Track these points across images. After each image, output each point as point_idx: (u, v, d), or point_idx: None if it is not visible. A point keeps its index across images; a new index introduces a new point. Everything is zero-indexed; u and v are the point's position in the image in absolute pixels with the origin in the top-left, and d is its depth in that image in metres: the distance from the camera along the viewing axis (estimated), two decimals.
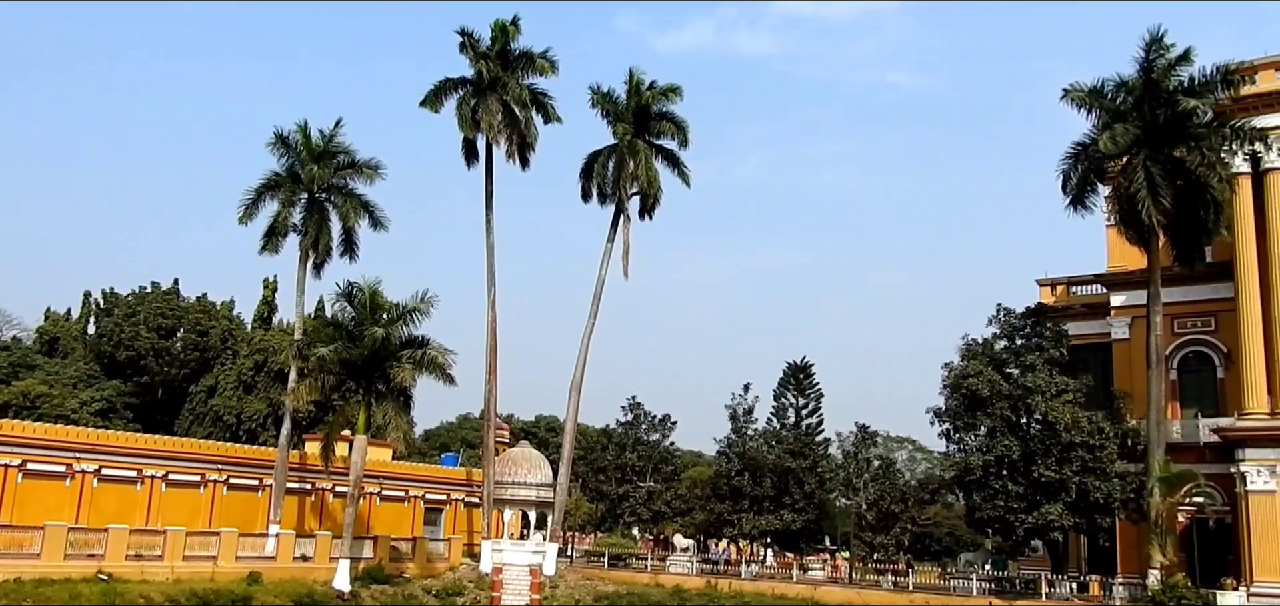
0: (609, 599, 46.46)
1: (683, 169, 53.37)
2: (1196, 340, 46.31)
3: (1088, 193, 42.48)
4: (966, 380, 44.02)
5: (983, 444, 43.34)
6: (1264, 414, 40.05)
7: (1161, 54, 39.53)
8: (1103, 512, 41.12)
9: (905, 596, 41.80)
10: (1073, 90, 41.61)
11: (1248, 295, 41.28)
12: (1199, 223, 40.22)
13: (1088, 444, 40.65)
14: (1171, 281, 43.40)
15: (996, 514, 42.05)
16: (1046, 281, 53.45)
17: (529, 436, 64.15)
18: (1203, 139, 39.25)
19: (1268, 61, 42.40)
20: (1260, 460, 39.53)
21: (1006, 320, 46.64)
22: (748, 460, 53.42)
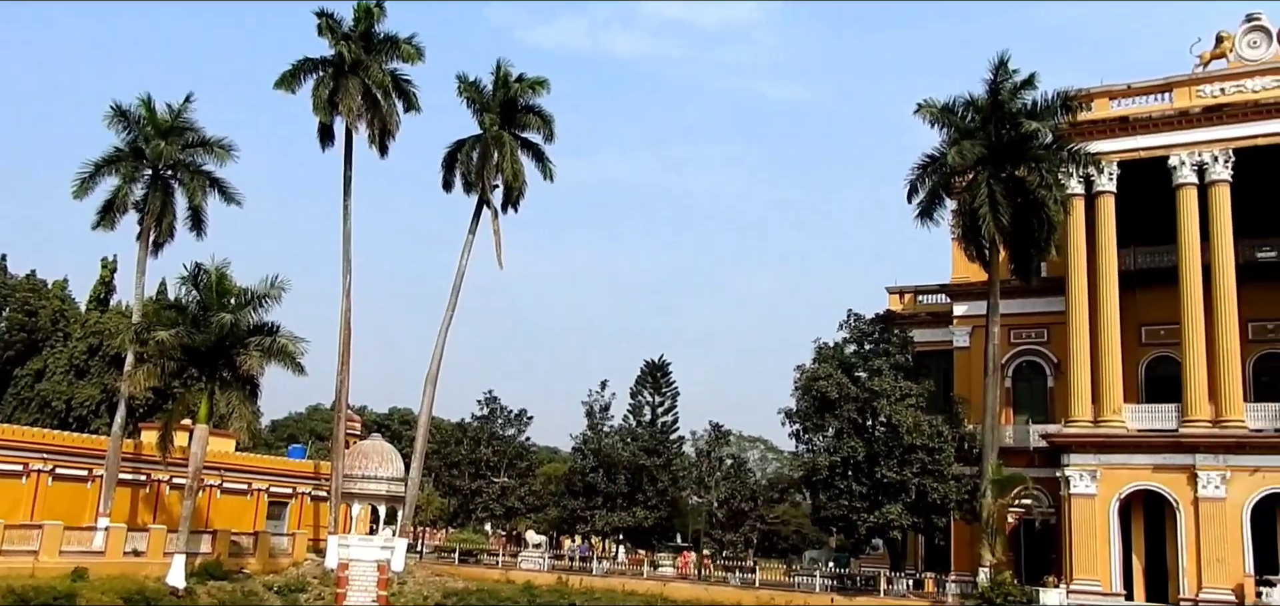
0: (458, 595, 45.76)
1: (547, 163, 53.25)
2: (1030, 350, 48.88)
3: (935, 205, 44.01)
4: (817, 383, 45.19)
5: (830, 445, 44.58)
6: (1088, 421, 42.45)
7: (1008, 78, 41.38)
8: (939, 513, 42.87)
9: (752, 593, 42.64)
10: (926, 106, 43.08)
11: (1077, 310, 43.66)
12: (1035, 239, 42.37)
13: (928, 447, 42.31)
14: (1009, 294, 45.52)
15: (841, 513, 43.34)
16: (895, 290, 55.49)
17: (382, 429, 62.65)
18: (1042, 160, 41.30)
19: (1103, 90, 44.89)
20: (1083, 465, 41.87)
21: (857, 326, 48.14)
22: (603, 457, 53.58)
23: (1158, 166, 43.10)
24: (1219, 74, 43.23)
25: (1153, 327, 45.72)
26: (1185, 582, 39.45)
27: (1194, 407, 40.65)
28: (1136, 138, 43.80)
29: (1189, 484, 39.95)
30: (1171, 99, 43.70)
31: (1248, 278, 42.21)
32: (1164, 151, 43.04)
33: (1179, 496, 40.11)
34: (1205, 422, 40.30)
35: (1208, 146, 42.21)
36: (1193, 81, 43.52)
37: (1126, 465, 41.35)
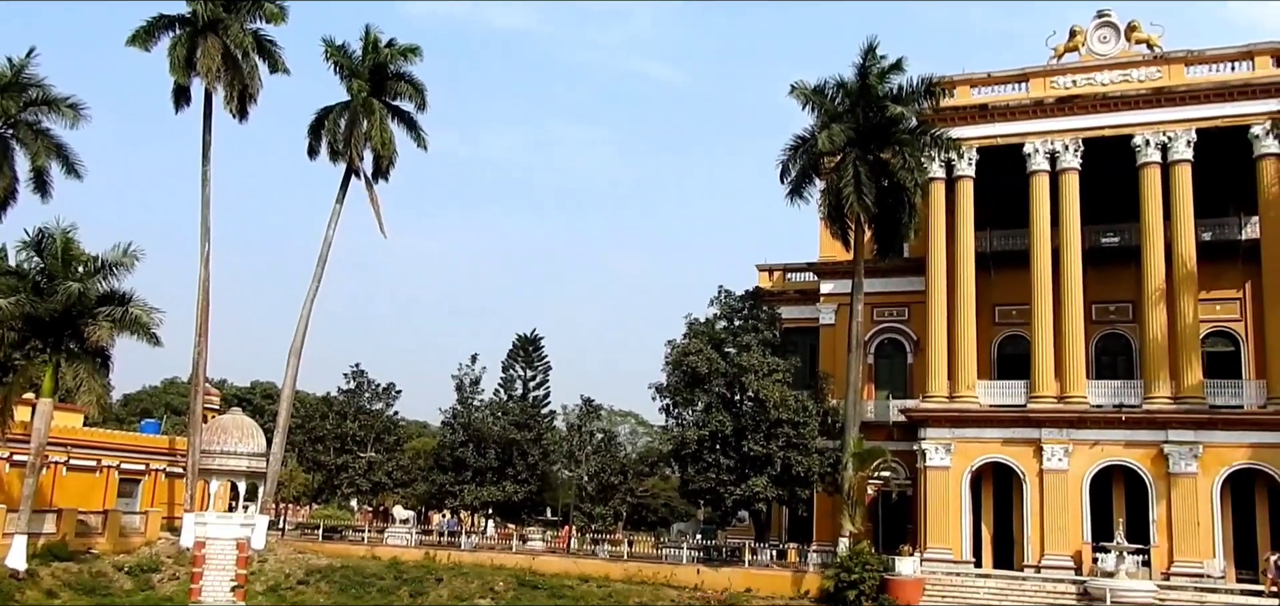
0: (322, 573, 44.70)
1: (420, 133, 52.10)
2: (892, 328, 50.50)
3: (805, 185, 44.76)
4: (687, 358, 45.64)
5: (699, 419, 45.15)
6: (944, 397, 44.17)
7: (876, 63, 42.23)
8: (803, 485, 43.96)
9: (620, 565, 42.93)
10: (798, 88, 43.67)
11: (936, 289, 45.29)
12: (899, 221, 43.53)
13: (793, 421, 43.25)
14: (873, 273, 46.62)
15: (709, 486, 43.97)
16: (765, 267, 56.50)
17: (243, 403, 60.63)
18: (907, 144, 42.40)
19: (964, 78, 46.43)
20: (938, 438, 43.55)
21: (727, 302, 48.79)
22: (473, 431, 53.05)
23: (1014, 153, 44.92)
24: (1071, 67, 45.28)
25: (1005, 308, 47.79)
26: (1029, 549, 41.55)
27: (1041, 384, 42.73)
28: (995, 125, 45.53)
29: (1035, 456, 42.03)
30: (1027, 89, 45.57)
31: (1093, 261, 44.42)
32: (1019, 139, 44.86)
33: (1026, 468, 42.16)
34: (1051, 399, 42.43)
35: (1059, 136, 44.21)
36: (1047, 73, 45.48)
37: (978, 439, 43.20)
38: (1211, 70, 43.01)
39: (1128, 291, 44.64)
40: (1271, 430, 39.21)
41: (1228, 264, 44.53)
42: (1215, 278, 44.09)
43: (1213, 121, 42.18)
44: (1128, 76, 44.01)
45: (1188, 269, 41.65)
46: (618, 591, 40.81)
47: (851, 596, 37.49)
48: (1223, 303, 44.99)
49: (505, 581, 42.51)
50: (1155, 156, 42.66)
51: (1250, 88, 41.90)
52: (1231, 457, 39.67)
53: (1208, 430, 39.95)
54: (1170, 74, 43.30)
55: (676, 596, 40.12)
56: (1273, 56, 42.17)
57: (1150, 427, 40.66)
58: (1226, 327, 45.14)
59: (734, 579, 40.53)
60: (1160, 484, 40.18)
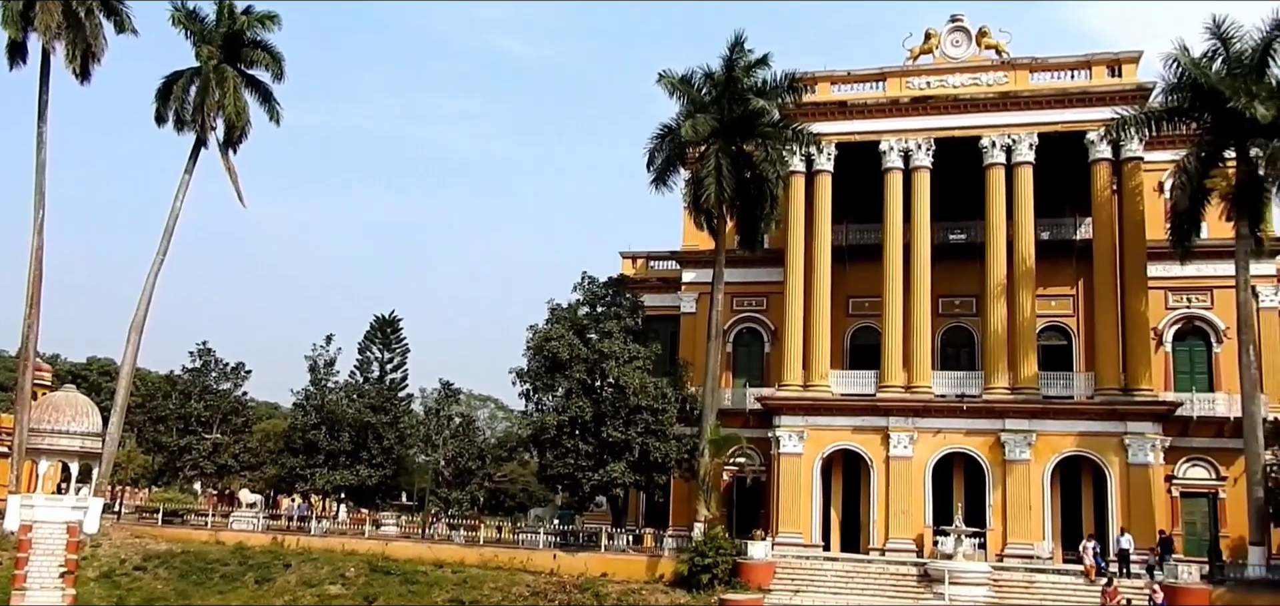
0: (161, 558, 42.81)
1: (275, 104, 50.42)
2: (751, 317, 51.43)
3: (670, 174, 45.15)
4: (549, 343, 45.41)
5: (559, 404, 44.96)
6: (798, 385, 45.24)
7: (743, 56, 42.90)
8: (661, 471, 44.33)
9: (475, 551, 42.50)
10: (666, 76, 43.99)
11: (794, 281, 46.31)
12: (760, 212, 44.24)
13: (652, 407, 43.52)
14: (734, 263, 47.48)
15: (567, 471, 43.87)
16: (629, 254, 56.75)
17: (78, 380, 57.26)
18: (769, 137, 43.25)
19: (825, 75, 47.56)
20: (792, 426, 44.58)
21: (590, 288, 48.76)
22: (326, 413, 51.54)
23: (870, 150, 46.26)
24: (926, 68, 46.90)
25: (859, 300, 49.22)
26: (875, 533, 43.01)
27: (890, 374, 44.23)
28: (853, 122, 46.78)
29: (882, 444, 43.49)
30: (884, 88, 46.98)
31: (941, 257, 46.16)
32: (876, 136, 46.23)
33: (873, 455, 43.58)
34: (899, 388, 43.96)
35: (913, 135, 45.76)
36: (903, 73, 46.99)
37: (830, 427, 44.42)
38: (1053, 77, 45.25)
39: (972, 286, 46.60)
40: (1097, 419, 41.60)
41: (1063, 262, 47.02)
42: (1051, 275, 46.45)
43: (1053, 126, 44.36)
44: (977, 80, 45.88)
45: (1027, 266, 43.74)
46: (473, 577, 40.39)
47: (705, 580, 38.07)
48: (1057, 298, 47.46)
49: (357, 567, 41.55)
50: (1000, 158, 44.62)
51: (1087, 95, 44.23)
52: (1061, 445, 41.93)
53: (1041, 419, 42.10)
54: (1016, 79, 45.34)
55: (532, 582, 39.94)
56: (1108, 66, 44.63)
57: (989, 417, 42.58)
58: (1060, 322, 47.67)
59: (590, 564, 40.60)
60: (997, 470, 42.13)
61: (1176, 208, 40.98)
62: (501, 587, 39.70)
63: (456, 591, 39.61)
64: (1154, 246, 43.45)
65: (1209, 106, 38.61)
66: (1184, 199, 39.80)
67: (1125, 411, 41.27)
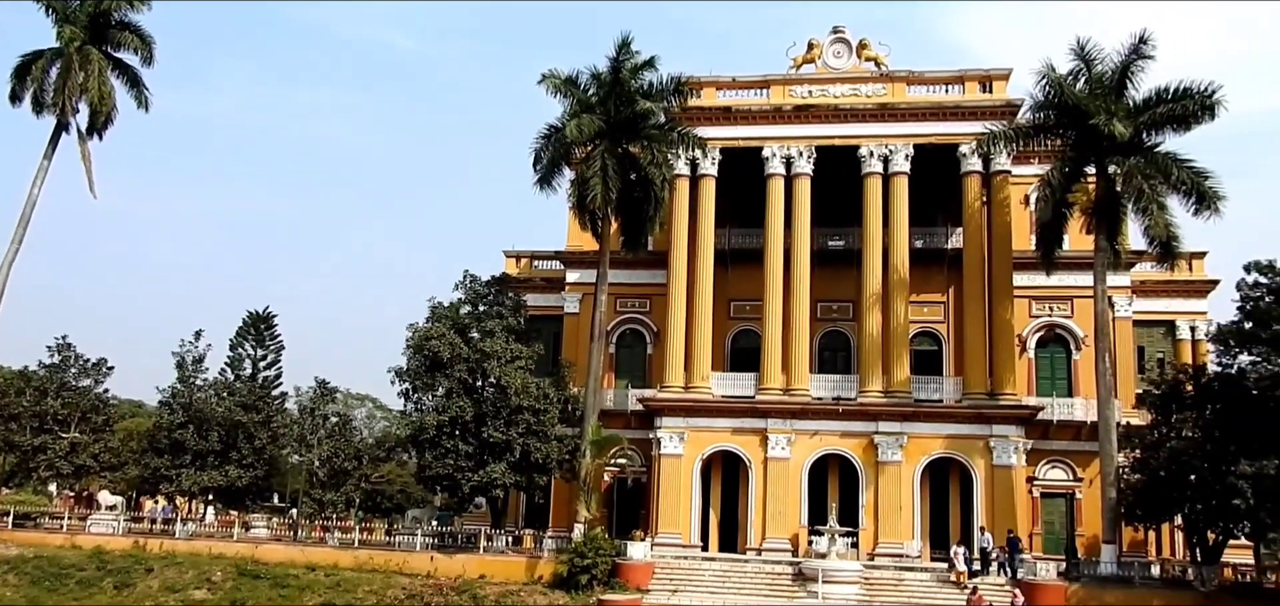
0: (11, 563, 40.71)
1: (144, 90, 48.30)
2: (634, 319, 51.66)
3: (555, 174, 44.86)
4: (429, 342, 44.65)
5: (439, 404, 44.24)
6: (680, 387, 45.59)
7: (629, 58, 43.05)
8: (542, 471, 44.04)
9: (350, 553, 41.51)
10: (550, 76, 43.75)
11: (677, 283, 46.67)
12: (644, 214, 44.55)
13: (534, 408, 43.23)
14: (618, 265, 47.54)
15: (447, 471, 43.18)
16: (512, 253, 56.33)
17: None
18: (655, 140, 43.53)
19: (711, 80, 48.15)
20: (673, 427, 44.91)
21: (473, 287, 48.15)
22: (194, 412, 49.56)
23: (753, 156, 47.04)
24: (808, 77, 47.85)
25: (740, 303, 49.92)
26: (753, 533, 43.66)
27: (769, 377, 44.96)
28: (737, 127, 47.47)
29: (761, 445, 44.17)
30: (768, 95, 47.79)
31: (820, 262, 47.16)
32: (759, 143, 47.00)
33: (752, 456, 44.22)
34: (777, 391, 44.73)
35: (795, 142, 46.66)
36: (786, 81, 47.85)
37: (710, 428, 44.91)
38: (929, 91, 46.71)
39: (850, 292, 47.76)
40: (964, 422, 43.11)
41: (935, 270, 48.60)
42: (924, 282, 47.98)
43: (928, 138, 45.82)
44: (857, 91, 47.04)
45: (901, 273, 45.04)
46: (347, 580, 39.47)
47: (584, 581, 38.01)
48: (930, 305, 49.05)
49: (225, 571, 40.20)
50: (878, 167, 45.84)
51: (960, 109, 45.83)
52: (931, 447, 43.28)
53: (912, 422, 43.41)
54: (894, 92, 46.65)
55: (409, 584, 39.25)
56: (980, 82, 46.32)
57: (863, 419, 43.67)
58: (932, 328, 49.26)
59: (468, 566, 40.12)
60: (870, 471, 43.25)
61: (1041, 220, 42.75)
62: (376, 591, 38.89)
63: (329, 595, 38.64)
64: (1020, 257, 45.32)
65: (1072, 124, 40.42)
66: (1048, 212, 41.56)
67: (991, 415, 42.88)
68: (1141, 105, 39.50)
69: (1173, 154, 39.37)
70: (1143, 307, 49.58)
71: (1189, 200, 39.04)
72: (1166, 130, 39.60)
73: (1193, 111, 38.65)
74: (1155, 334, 50.69)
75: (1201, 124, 38.77)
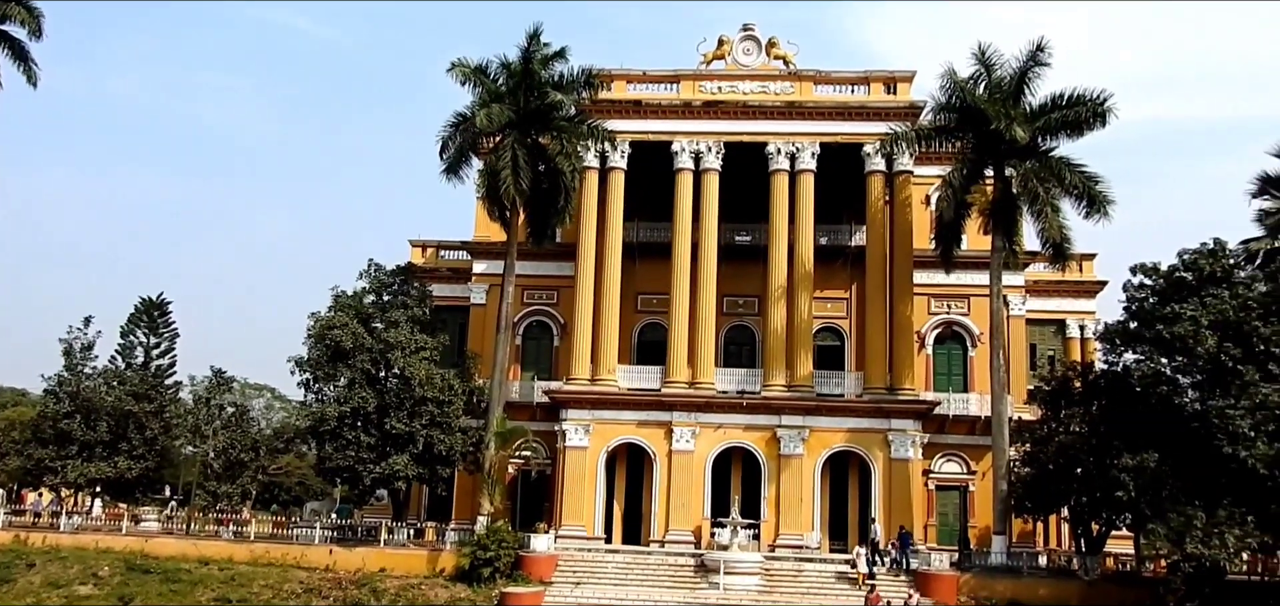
0: None
1: (32, 64, 46.39)
2: (541, 311, 51.38)
3: (463, 163, 44.64)
4: (332, 331, 43.83)
5: (341, 395, 43.44)
6: (586, 379, 45.52)
7: (540, 48, 42.94)
8: (445, 463, 43.62)
9: (245, 546, 40.50)
10: (459, 65, 43.47)
11: (584, 275, 46.55)
12: (553, 206, 44.54)
13: (438, 399, 42.76)
14: (526, 256, 47.51)
15: (347, 463, 42.42)
16: (419, 243, 55.58)
17: None
18: (565, 131, 43.50)
19: (622, 73, 48.10)
20: (578, 420, 44.83)
21: (377, 276, 47.48)
22: (81, 401, 47.71)
23: (663, 150, 47.14)
24: (718, 73, 48.16)
25: (648, 296, 50.07)
26: (656, 526, 43.85)
27: (675, 370, 45.19)
28: (647, 121, 47.52)
29: (666, 438, 44.40)
30: (678, 90, 47.94)
31: (727, 257, 47.61)
32: (669, 137, 47.13)
33: (657, 449, 44.43)
34: (683, 384, 44.99)
35: (704, 137, 46.93)
36: (696, 77, 48.08)
37: (616, 420, 44.93)
38: (835, 91, 47.42)
39: (755, 287, 48.24)
40: (864, 417, 43.98)
41: (839, 266, 49.47)
42: (828, 278, 48.80)
43: (834, 137, 46.53)
44: (766, 89, 47.53)
45: (806, 269, 45.71)
46: (241, 574, 38.52)
47: (486, 573, 37.80)
48: (833, 301, 49.94)
49: (112, 565, 38.92)
50: (785, 164, 46.41)
51: (865, 110, 46.67)
52: (832, 441, 44.06)
53: (814, 416, 44.11)
54: (801, 90, 47.24)
55: (306, 578, 38.53)
56: (884, 83, 47.22)
57: (767, 413, 44.25)
58: (835, 324, 50.17)
59: (368, 559, 39.54)
60: (772, 464, 43.83)
61: (941, 220, 43.86)
62: (272, 585, 38.04)
63: (223, 589, 37.64)
64: (920, 255, 46.41)
65: (972, 127, 41.52)
66: (948, 212, 42.68)
67: (890, 409, 43.84)
68: (1038, 110, 40.77)
69: (1066, 158, 40.78)
70: (1036, 306, 51.31)
71: (1081, 203, 40.48)
72: (1061, 135, 40.97)
73: (1086, 118, 40.07)
74: (1047, 332, 52.53)
75: (1094, 130, 40.29)
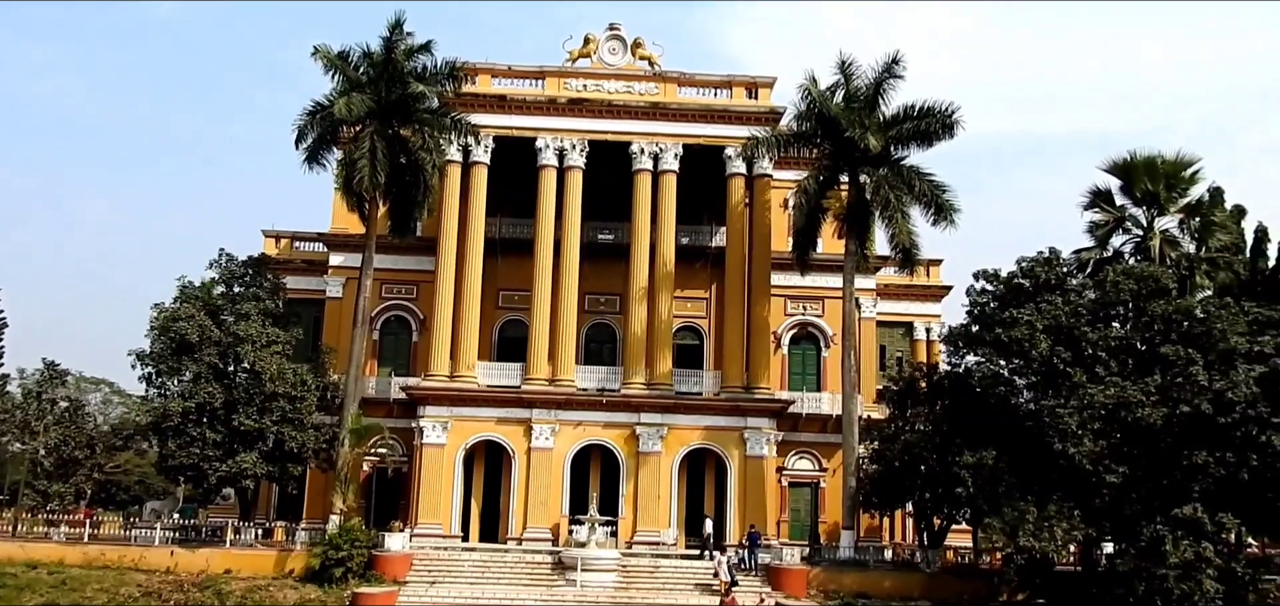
0: None
1: None
2: (400, 305, 50.48)
3: (323, 152, 43.63)
4: (177, 324, 42.02)
5: (186, 390, 41.68)
6: (445, 376, 44.97)
7: (403, 39, 42.31)
8: (296, 461, 42.42)
9: (79, 548, 38.50)
10: (321, 51, 42.56)
11: (445, 270, 45.94)
12: (414, 199, 43.88)
13: (290, 395, 41.55)
14: (385, 249, 46.67)
15: (192, 461, 40.76)
16: (273, 233, 53.83)
17: None
18: (427, 124, 42.99)
19: (486, 67, 47.73)
20: (437, 417, 44.25)
21: (227, 266, 45.75)
22: None
23: (527, 146, 47.00)
24: (584, 71, 48.29)
25: (509, 293, 49.81)
26: (514, 523, 43.69)
27: (536, 367, 45.11)
28: (512, 116, 47.29)
29: (525, 435, 44.28)
30: (543, 86, 47.87)
31: (590, 255, 47.82)
32: (533, 133, 47.00)
33: (516, 446, 44.27)
34: (543, 381, 44.95)
35: (569, 134, 46.96)
36: (562, 74, 48.10)
37: (475, 417, 44.55)
38: (699, 93, 48.16)
39: (617, 285, 48.49)
40: (722, 415, 44.89)
41: (699, 267, 50.28)
42: (689, 278, 49.52)
43: (697, 139, 47.28)
44: (630, 88, 47.91)
45: (667, 269, 46.27)
46: (74, 578, 36.64)
47: (338, 574, 37.07)
48: (693, 301, 50.75)
49: None
50: (648, 164, 46.87)
51: (728, 113, 47.54)
52: (689, 438, 44.78)
53: (673, 414, 44.75)
54: (666, 91, 47.80)
55: (145, 581, 36.91)
56: (747, 88, 48.22)
57: (626, 411, 44.62)
58: (695, 323, 51.02)
59: (213, 560, 38.23)
60: (631, 461, 44.24)
61: (798, 224, 45.04)
62: (108, 589, 36.31)
63: (52, 594, 35.72)
64: (778, 257, 47.62)
65: (829, 134, 42.78)
66: (804, 216, 43.88)
67: (746, 408, 44.84)
68: (891, 120, 42.30)
69: (917, 168, 42.47)
70: (886, 309, 53.30)
71: (929, 211, 42.21)
72: (912, 145, 42.65)
73: (935, 129, 41.83)
74: (896, 334, 54.69)
75: (943, 141, 42.14)
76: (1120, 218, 44.22)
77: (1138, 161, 43.13)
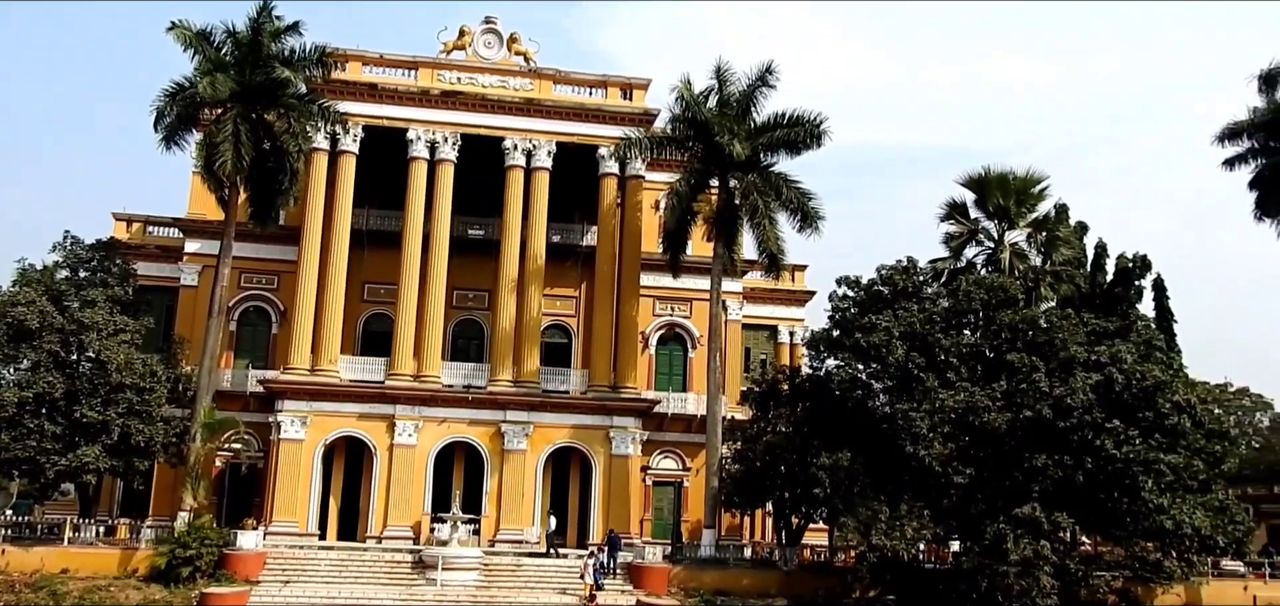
0: None
1: None
2: (259, 295, 48.73)
3: (182, 134, 41.88)
4: (15, 308, 39.63)
5: (23, 379, 39.33)
6: (306, 370, 43.75)
7: (270, 20, 40.95)
8: (143, 456, 40.51)
9: None
10: (180, 27, 40.80)
11: (308, 261, 44.67)
12: (277, 186, 42.42)
13: (138, 386, 39.68)
14: (245, 237, 45.03)
15: (28, 454, 38.40)
16: (123, 216, 51.35)
17: None
18: (293, 109, 41.69)
19: (357, 54, 46.67)
20: (295, 411, 42.99)
21: (73, 250, 43.50)
22: None
23: (398, 137, 46.17)
24: (458, 64, 47.72)
25: (375, 286, 48.71)
26: (374, 521, 42.83)
27: (401, 363, 44.32)
28: (383, 106, 46.41)
29: (388, 432, 43.45)
30: (416, 77, 47.10)
31: (459, 250, 47.14)
32: (404, 124, 46.20)
33: (378, 443, 43.40)
34: (408, 377, 44.20)
35: (441, 127, 46.31)
36: (436, 66, 47.41)
37: (336, 413, 43.50)
38: (574, 92, 48.14)
39: (487, 281, 48.02)
40: (588, 413, 44.99)
41: (570, 265, 50.18)
42: (559, 276, 49.38)
43: (570, 137, 47.26)
44: (505, 83, 47.54)
45: (537, 266, 46.11)
46: None
47: (186, 573, 35.70)
48: (562, 299, 50.57)
49: None
50: (521, 161, 46.61)
51: (602, 113, 47.67)
52: (555, 436, 44.74)
53: (539, 412, 44.61)
54: (540, 88, 47.60)
55: None
56: (621, 89, 48.43)
57: (492, 408, 44.26)
58: (563, 322, 50.86)
59: (48, 559, 36.16)
60: (496, 459, 43.90)
61: (668, 226, 45.43)
62: None
63: None
64: (648, 258, 47.94)
65: (701, 138, 43.34)
66: (675, 219, 44.31)
67: (613, 407, 45.07)
68: (762, 127, 43.12)
69: (784, 175, 43.41)
70: (752, 312, 54.39)
71: (795, 218, 43.19)
72: (781, 152, 43.52)
73: (803, 138, 42.81)
74: (761, 337, 55.82)
75: (811, 150, 43.17)
76: (974, 230, 46.22)
77: (991, 177, 45.21)
